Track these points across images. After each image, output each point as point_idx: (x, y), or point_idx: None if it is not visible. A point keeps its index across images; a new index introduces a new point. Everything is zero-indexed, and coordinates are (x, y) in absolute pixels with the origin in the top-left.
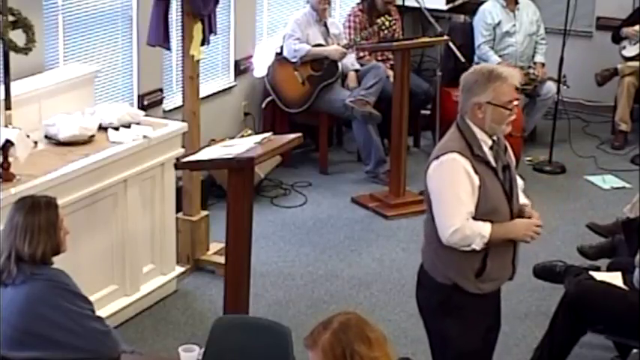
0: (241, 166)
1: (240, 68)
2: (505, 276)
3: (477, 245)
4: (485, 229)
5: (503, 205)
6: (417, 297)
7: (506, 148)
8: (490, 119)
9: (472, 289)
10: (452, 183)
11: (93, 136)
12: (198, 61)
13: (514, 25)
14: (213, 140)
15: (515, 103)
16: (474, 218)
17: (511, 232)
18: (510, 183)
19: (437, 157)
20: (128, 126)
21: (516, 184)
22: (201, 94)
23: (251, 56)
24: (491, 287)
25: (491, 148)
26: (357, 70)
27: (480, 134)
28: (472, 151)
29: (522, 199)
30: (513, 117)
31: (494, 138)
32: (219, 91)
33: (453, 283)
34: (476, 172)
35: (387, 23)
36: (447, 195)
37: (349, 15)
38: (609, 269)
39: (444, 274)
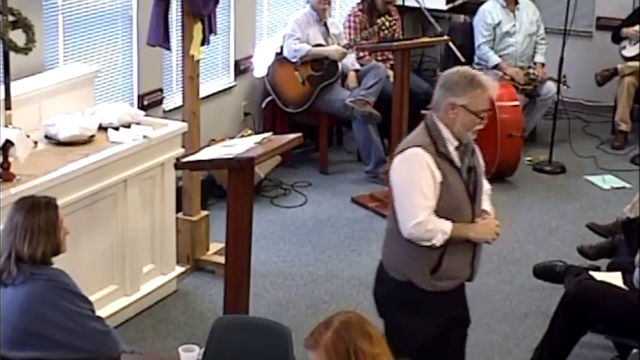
0: (241, 166)
1: (240, 68)
2: (463, 276)
3: (438, 241)
4: (447, 225)
5: (466, 206)
6: (374, 293)
7: (474, 150)
8: (460, 123)
9: (426, 286)
10: (414, 177)
11: (93, 136)
12: (198, 61)
13: (514, 25)
14: (213, 140)
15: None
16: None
17: (472, 231)
18: (475, 185)
19: (401, 152)
20: (128, 126)
21: (481, 187)
22: (201, 94)
23: (251, 56)
24: (448, 285)
25: (457, 148)
26: (357, 70)
27: (447, 133)
28: (436, 148)
29: (486, 206)
30: (481, 126)
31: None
32: (219, 91)
33: (407, 280)
34: (438, 168)
35: (387, 23)
36: (409, 188)
37: (349, 15)
38: (609, 269)
39: (400, 270)
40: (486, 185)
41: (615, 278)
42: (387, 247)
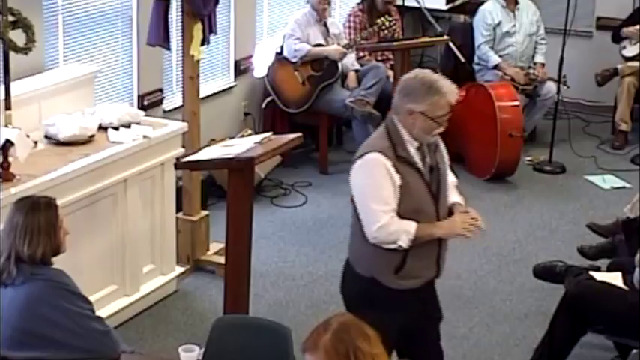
0: (241, 166)
1: (240, 68)
2: (428, 275)
3: (404, 242)
4: (410, 225)
5: (428, 206)
6: (341, 288)
7: (436, 147)
8: (419, 127)
9: (391, 284)
10: (374, 182)
11: (93, 136)
12: (198, 61)
13: (514, 26)
14: (213, 140)
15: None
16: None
17: (438, 228)
18: (438, 184)
19: (360, 157)
20: (128, 126)
21: (445, 184)
22: (201, 94)
23: (251, 56)
24: (413, 284)
25: (418, 148)
26: (357, 70)
27: (407, 136)
28: (396, 152)
29: (455, 197)
30: (441, 130)
31: None
32: (219, 91)
33: (371, 276)
34: (398, 172)
35: (387, 23)
36: (370, 194)
37: (349, 15)
38: (609, 269)
39: (365, 267)
40: (452, 178)
41: (615, 278)
42: (352, 244)
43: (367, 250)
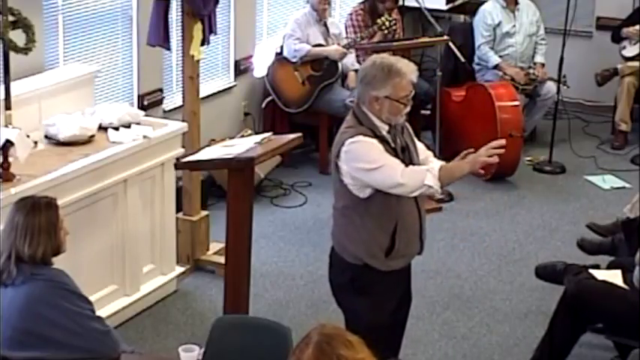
0: (241, 166)
1: (240, 68)
2: (414, 251)
3: (430, 180)
4: (432, 168)
5: None
6: (329, 278)
7: (403, 128)
8: (387, 111)
9: (382, 267)
10: (372, 153)
11: (93, 136)
12: (198, 61)
13: (514, 26)
14: (213, 140)
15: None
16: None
17: (465, 163)
18: (410, 163)
19: (343, 143)
20: (128, 126)
21: (417, 164)
22: (201, 94)
23: (251, 56)
24: (401, 264)
25: (388, 132)
26: (357, 70)
27: (378, 121)
28: (375, 133)
29: (438, 164)
30: (408, 109)
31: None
32: (219, 91)
33: (363, 263)
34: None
35: (387, 23)
36: (376, 156)
37: (350, 15)
38: (609, 268)
39: (354, 254)
40: (426, 152)
41: (615, 276)
42: (337, 233)
43: (357, 236)
